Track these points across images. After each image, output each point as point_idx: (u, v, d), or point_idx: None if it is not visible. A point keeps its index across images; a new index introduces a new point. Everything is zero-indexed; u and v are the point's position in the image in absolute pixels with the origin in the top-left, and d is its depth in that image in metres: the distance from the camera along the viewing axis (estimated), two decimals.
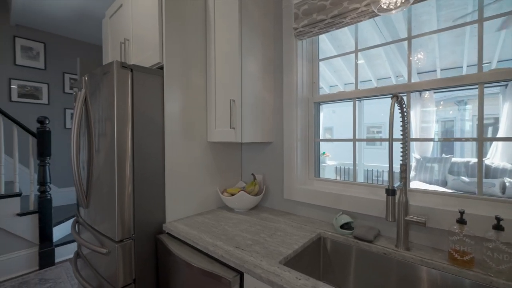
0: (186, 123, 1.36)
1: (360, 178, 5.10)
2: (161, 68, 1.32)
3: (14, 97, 2.93)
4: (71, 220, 2.89)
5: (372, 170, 5.71)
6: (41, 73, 3.12)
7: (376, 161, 6.09)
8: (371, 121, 7.41)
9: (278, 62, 1.49)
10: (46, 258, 2.41)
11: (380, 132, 7.92)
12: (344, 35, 3.44)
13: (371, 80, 4.52)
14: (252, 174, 1.49)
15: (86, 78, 1.36)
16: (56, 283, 2.14)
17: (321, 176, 1.47)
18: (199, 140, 1.43)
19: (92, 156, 1.32)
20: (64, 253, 2.56)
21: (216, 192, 1.53)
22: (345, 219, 1.12)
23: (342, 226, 1.13)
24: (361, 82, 4.81)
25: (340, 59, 4.29)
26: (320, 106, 1.51)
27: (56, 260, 2.51)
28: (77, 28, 3.11)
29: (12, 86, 2.92)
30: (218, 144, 1.54)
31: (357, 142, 1.32)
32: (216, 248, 0.97)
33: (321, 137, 1.49)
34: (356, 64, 1.31)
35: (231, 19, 1.30)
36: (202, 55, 1.44)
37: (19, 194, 2.28)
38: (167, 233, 1.27)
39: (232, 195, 1.45)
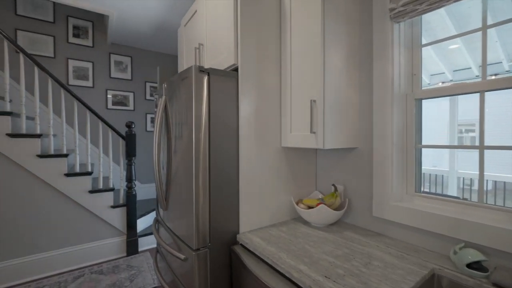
0: (260, 127, 1.27)
1: (453, 189, 4.21)
2: (235, 70, 1.26)
3: (109, 105, 3.43)
4: (151, 214, 3.21)
5: (463, 178, 4.66)
6: (128, 83, 3.58)
7: (469, 167, 4.96)
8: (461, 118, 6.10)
9: (365, 52, 1.25)
10: (131, 246, 2.72)
11: (471, 131, 6.47)
12: (434, 15, 2.85)
13: (470, 68, 3.67)
14: (333, 185, 1.30)
15: (165, 85, 1.41)
16: (140, 271, 2.37)
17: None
18: (272, 145, 1.32)
19: (170, 159, 1.35)
20: (145, 243, 2.85)
21: (289, 202, 1.39)
22: (474, 255, 0.83)
23: (469, 265, 0.83)
24: (454, 71, 3.97)
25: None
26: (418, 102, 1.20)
27: (139, 249, 2.82)
28: (155, 41, 3.45)
29: (108, 96, 3.43)
30: (292, 149, 1.40)
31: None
32: (301, 275, 0.83)
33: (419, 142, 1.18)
34: (484, 45, 0.98)
35: (312, 6, 1.13)
36: (275, 52, 1.32)
37: (112, 189, 2.63)
38: (241, 244, 1.20)
39: (310, 207, 1.29)
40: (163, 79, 1.93)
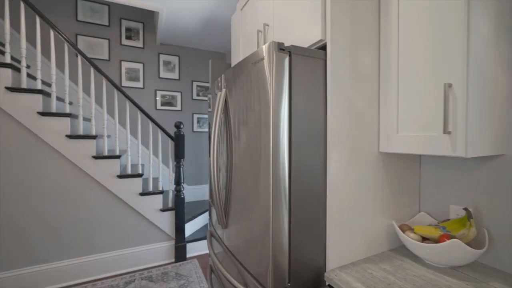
0: (353, 126, 0.93)
1: None
2: (322, 48, 0.95)
3: (158, 105, 3.42)
4: (199, 218, 3.08)
5: None
6: (176, 83, 3.54)
7: None
8: None
9: None
10: (180, 252, 2.60)
11: None
12: None
13: None
14: (466, 209, 0.89)
15: (224, 76, 1.16)
16: (188, 282, 2.22)
17: None
18: (368, 150, 0.97)
19: (231, 166, 1.10)
20: (193, 249, 2.72)
21: (387, 227, 1.03)
22: None
23: None
24: None
25: None
26: None
27: (187, 255, 2.69)
28: (203, 38, 3.33)
29: (157, 97, 3.43)
30: (391, 155, 1.03)
31: None
32: None
33: None
34: None
35: None
36: (373, 21, 0.97)
37: (162, 192, 2.54)
38: (329, 286, 0.88)
39: (425, 238, 0.91)
40: (215, 74, 1.72)
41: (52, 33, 2.17)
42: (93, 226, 2.27)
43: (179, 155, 2.57)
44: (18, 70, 2.11)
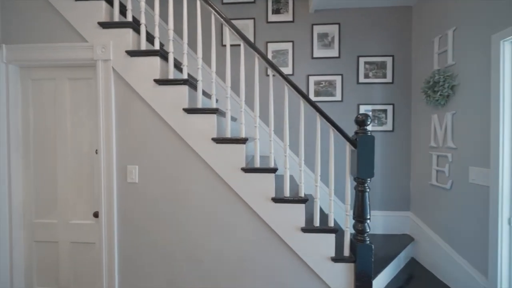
0: None
1: None
2: None
3: (312, 95, 2.53)
4: (393, 264, 1.90)
5: None
6: (335, 63, 2.53)
7: None
8: None
9: None
10: None
11: None
12: None
13: None
14: None
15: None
16: None
17: None
18: None
19: None
20: None
21: None
22: None
23: None
24: None
25: None
26: None
27: None
28: None
29: (309, 85, 2.54)
30: None
31: None
32: None
33: None
34: None
35: None
36: None
37: (335, 230, 1.56)
38: None
39: None
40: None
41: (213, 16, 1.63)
42: (241, 266, 1.60)
43: (365, 170, 1.49)
44: (165, 59, 1.73)
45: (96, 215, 1.68)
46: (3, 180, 1.68)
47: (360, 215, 1.53)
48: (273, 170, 1.55)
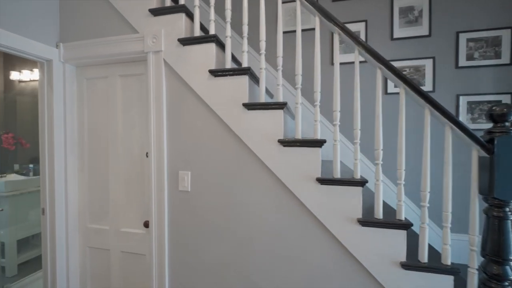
0: None
1: None
2: None
3: (390, 87, 2.03)
4: None
5: None
6: (423, 43, 1.98)
7: None
8: None
9: None
10: None
11: None
12: None
13: None
14: None
15: None
16: None
17: None
18: None
19: None
20: None
21: None
22: None
23: None
24: None
25: None
26: None
27: None
28: None
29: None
30: None
31: None
32: None
33: None
34: None
35: None
36: None
37: (457, 272, 1.09)
38: None
39: None
40: None
41: None
42: None
43: (505, 188, 0.99)
44: (221, 46, 1.47)
45: (146, 224, 1.51)
46: (60, 183, 1.62)
47: (496, 253, 1.03)
48: (361, 184, 1.16)
